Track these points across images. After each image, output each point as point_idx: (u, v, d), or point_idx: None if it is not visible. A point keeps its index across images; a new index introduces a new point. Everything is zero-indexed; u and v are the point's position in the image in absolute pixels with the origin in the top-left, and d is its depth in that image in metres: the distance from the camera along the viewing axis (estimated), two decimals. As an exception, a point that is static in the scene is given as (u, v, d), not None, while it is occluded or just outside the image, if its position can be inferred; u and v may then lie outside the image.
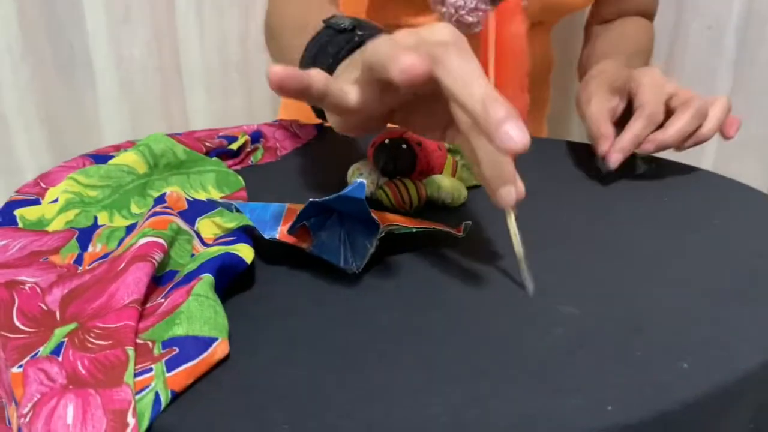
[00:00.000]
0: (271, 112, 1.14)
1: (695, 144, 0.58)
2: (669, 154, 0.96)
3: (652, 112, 0.57)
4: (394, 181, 0.50)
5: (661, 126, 0.58)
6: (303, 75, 0.34)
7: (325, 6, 0.67)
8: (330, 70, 0.44)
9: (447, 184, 0.51)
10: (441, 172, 0.52)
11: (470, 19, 0.71)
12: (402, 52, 0.32)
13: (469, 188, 0.54)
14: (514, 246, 0.41)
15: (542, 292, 0.39)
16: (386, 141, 0.51)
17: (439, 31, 0.36)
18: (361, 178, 0.51)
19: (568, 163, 0.64)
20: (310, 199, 0.38)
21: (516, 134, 0.31)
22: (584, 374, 0.31)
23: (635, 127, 0.57)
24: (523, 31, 0.63)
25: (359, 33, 0.47)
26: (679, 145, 0.58)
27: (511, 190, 0.39)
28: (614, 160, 0.57)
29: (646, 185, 0.58)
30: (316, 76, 0.35)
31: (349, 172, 0.52)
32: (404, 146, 0.50)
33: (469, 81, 0.33)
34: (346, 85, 0.37)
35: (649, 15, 0.92)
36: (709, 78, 1.12)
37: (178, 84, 1.06)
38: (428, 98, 0.39)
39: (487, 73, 0.49)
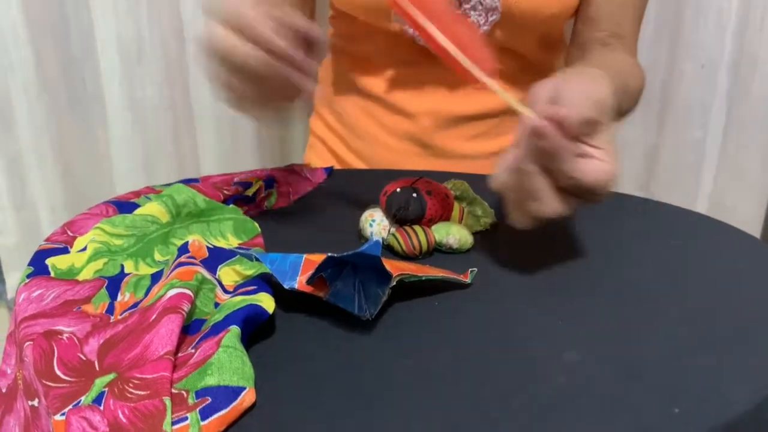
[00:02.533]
0: (279, 150, 1.17)
1: None
2: (666, 195, 0.99)
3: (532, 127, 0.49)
4: (405, 228, 0.53)
5: None
6: None
7: None
8: None
9: (455, 231, 0.53)
10: (449, 219, 0.55)
11: None
12: None
13: (475, 233, 0.57)
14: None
15: (546, 337, 0.42)
16: (398, 190, 0.53)
17: None
18: (374, 225, 0.54)
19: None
20: (329, 254, 0.41)
21: None
22: (584, 423, 0.34)
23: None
24: None
25: None
26: None
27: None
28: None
29: (644, 230, 0.60)
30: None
31: (362, 218, 0.55)
32: (415, 195, 0.53)
33: None
34: None
35: (629, 38, 0.83)
36: (703, 114, 1.16)
37: (188, 122, 1.09)
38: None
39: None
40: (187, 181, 0.64)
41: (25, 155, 1.06)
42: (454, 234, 0.53)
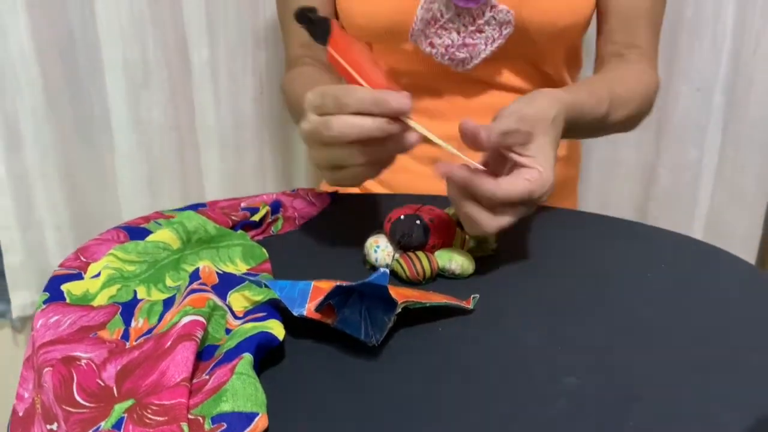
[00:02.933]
0: (281, 172, 1.19)
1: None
2: (663, 215, 1.01)
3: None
4: (408, 254, 0.54)
5: None
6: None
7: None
8: None
9: (457, 257, 0.55)
10: (451, 246, 0.57)
11: (461, 55, 0.77)
12: None
13: (476, 258, 0.58)
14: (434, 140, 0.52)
15: (546, 361, 0.43)
16: (401, 217, 0.55)
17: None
18: (378, 251, 0.55)
19: (563, 233, 0.68)
20: (337, 283, 0.42)
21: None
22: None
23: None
24: None
25: None
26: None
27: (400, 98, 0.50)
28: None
29: (641, 256, 0.62)
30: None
31: (367, 244, 0.57)
32: (418, 222, 0.55)
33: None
34: None
35: (644, 48, 0.85)
36: (699, 135, 1.18)
37: (193, 143, 1.11)
38: None
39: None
40: (195, 207, 0.65)
41: (31, 175, 1.08)
42: (456, 260, 0.55)
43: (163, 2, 1.03)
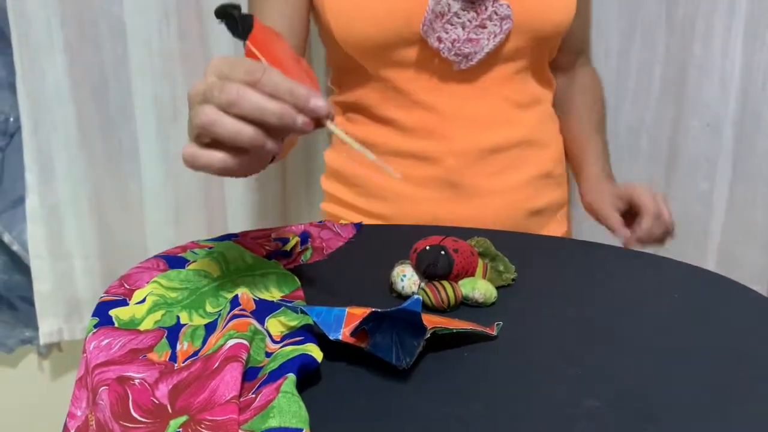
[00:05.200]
0: (303, 204, 1.23)
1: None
2: (676, 247, 1.04)
3: (654, 212, 0.84)
4: (433, 283, 0.57)
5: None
6: None
7: None
8: None
9: (480, 286, 0.58)
10: (474, 275, 0.60)
11: (466, 49, 0.80)
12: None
13: (497, 287, 0.61)
14: (354, 146, 0.51)
15: (567, 384, 0.46)
16: (427, 248, 0.58)
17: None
18: (405, 279, 0.58)
19: (577, 262, 0.71)
20: (372, 309, 0.45)
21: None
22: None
23: (645, 224, 0.84)
24: None
25: None
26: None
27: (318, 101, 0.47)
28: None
29: (658, 286, 0.65)
30: None
31: (394, 273, 0.60)
32: (443, 252, 0.58)
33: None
34: None
35: (587, 52, 1.05)
36: (710, 168, 1.21)
37: (218, 177, 1.14)
38: None
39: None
40: (228, 237, 0.69)
41: (63, 207, 1.12)
42: (479, 289, 0.58)
43: (192, 40, 1.08)
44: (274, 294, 0.58)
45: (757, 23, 1.12)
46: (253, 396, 0.41)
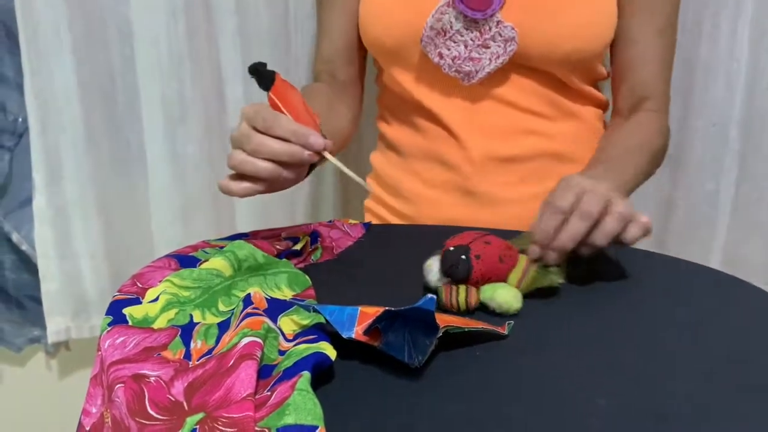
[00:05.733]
0: (310, 206, 1.23)
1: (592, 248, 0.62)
2: (681, 247, 1.03)
3: (553, 206, 0.62)
4: (451, 284, 0.57)
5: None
6: None
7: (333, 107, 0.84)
8: None
9: (500, 294, 0.57)
10: (505, 280, 0.59)
11: (467, 67, 0.81)
12: None
13: (536, 289, 0.60)
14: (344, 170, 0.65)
15: (578, 383, 0.46)
16: (451, 248, 0.58)
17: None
18: (431, 274, 0.59)
19: (588, 262, 0.71)
20: (386, 308, 0.46)
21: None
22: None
23: (539, 221, 0.63)
24: None
25: None
26: (580, 247, 0.62)
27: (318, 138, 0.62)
28: (533, 254, 0.62)
29: (669, 287, 0.65)
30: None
31: (426, 263, 0.61)
32: (464, 257, 0.57)
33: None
34: None
35: (658, 98, 0.92)
36: (716, 168, 1.21)
37: (224, 176, 1.15)
38: None
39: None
40: (239, 236, 0.69)
41: (70, 207, 1.12)
42: (498, 297, 0.57)
43: (200, 40, 1.08)
44: (285, 293, 0.59)
45: (763, 24, 1.12)
46: (269, 393, 0.41)
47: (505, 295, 0.57)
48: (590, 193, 0.62)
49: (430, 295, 0.44)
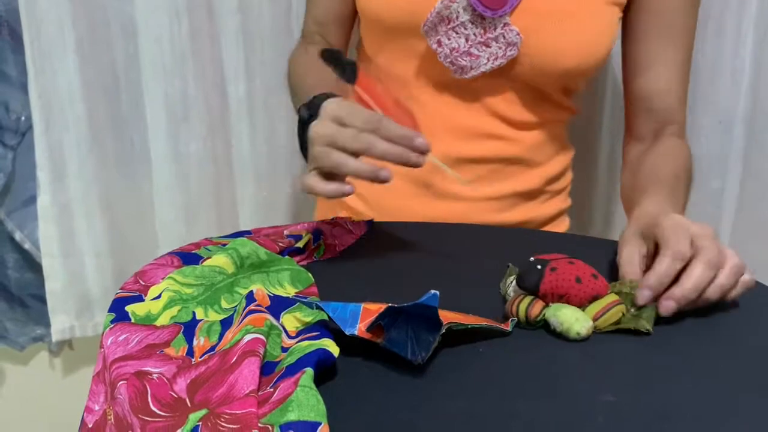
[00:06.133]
0: (312, 204, 1.23)
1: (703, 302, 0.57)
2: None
3: (674, 251, 0.56)
4: (520, 293, 0.56)
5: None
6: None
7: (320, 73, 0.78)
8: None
9: (562, 315, 0.53)
10: (579, 304, 0.54)
11: (463, 62, 0.80)
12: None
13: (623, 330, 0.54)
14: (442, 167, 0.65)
15: (583, 380, 0.46)
16: (532, 259, 0.56)
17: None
18: (507, 282, 0.59)
19: (593, 261, 0.71)
20: (389, 305, 0.46)
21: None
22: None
23: (658, 266, 0.56)
24: None
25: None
26: (696, 299, 0.56)
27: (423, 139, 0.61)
28: (643, 299, 0.55)
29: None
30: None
31: (507, 271, 0.61)
32: (539, 267, 0.55)
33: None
34: None
35: (680, 123, 0.91)
36: (721, 166, 1.21)
37: (228, 176, 1.15)
38: None
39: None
40: (241, 234, 0.69)
41: (74, 205, 1.12)
42: (560, 316, 0.53)
43: (203, 40, 1.08)
44: (288, 290, 0.58)
45: (767, 22, 1.11)
46: (272, 390, 0.41)
47: (569, 315, 0.52)
48: (705, 238, 0.57)
49: (432, 291, 0.44)
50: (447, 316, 0.49)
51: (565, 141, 0.94)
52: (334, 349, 0.46)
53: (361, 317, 0.48)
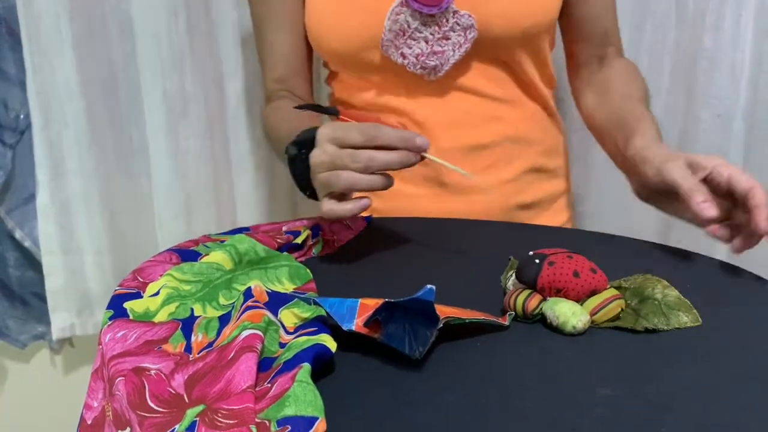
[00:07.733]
0: (312, 201, 1.23)
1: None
2: (685, 240, 1.03)
3: (753, 180, 0.67)
4: (519, 286, 0.56)
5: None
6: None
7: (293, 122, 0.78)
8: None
9: (560, 309, 0.52)
10: (576, 299, 0.54)
11: (432, 62, 0.80)
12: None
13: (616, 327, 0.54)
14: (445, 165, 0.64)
15: (581, 373, 0.46)
16: (531, 252, 0.56)
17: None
18: (507, 277, 0.59)
19: (590, 255, 0.71)
20: (386, 300, 0.46)
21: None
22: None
23: (759, 198, 0.65)
24: None
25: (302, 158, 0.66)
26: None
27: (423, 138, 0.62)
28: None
29: (670, 277, 0.64)
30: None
31: (509, 265, 0.62)
32: (537, 261, 0.55)
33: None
34: None
35: (617, 45, 0.96)
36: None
37: (227, 172, 1.15)
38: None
39: None
40: (239, 230, 0.69)
41: (73, 203, 1.12)
42: (556, 311, 0.52)
43: (201, 36, 1.08)
44: (286, 286, 0.59)
45: (767, 14, 1.11)
46: (269, 385, 0.41)
47: (565, 309, 0.52)
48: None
49: (428, 286, 0.44)
50: (444, 311, 0.49)
51: (555, 114, 0.96)
52: (332, 345, 0.46)
53: (359, 312, 0.48)
